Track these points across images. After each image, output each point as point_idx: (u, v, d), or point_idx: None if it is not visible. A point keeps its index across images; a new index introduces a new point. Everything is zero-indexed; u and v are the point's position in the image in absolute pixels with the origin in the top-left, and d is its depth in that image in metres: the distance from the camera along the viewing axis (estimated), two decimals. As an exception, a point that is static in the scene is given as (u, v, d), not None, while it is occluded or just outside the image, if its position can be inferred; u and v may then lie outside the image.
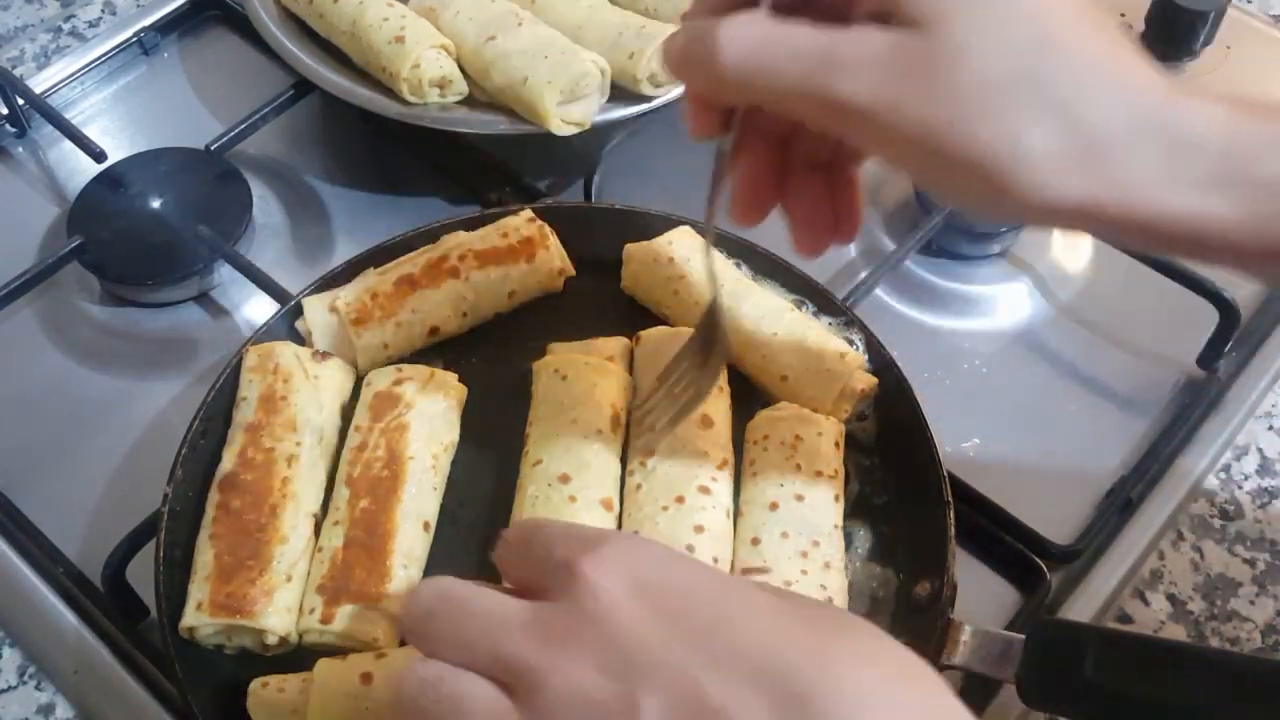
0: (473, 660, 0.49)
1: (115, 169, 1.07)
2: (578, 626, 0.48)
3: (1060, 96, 0.49)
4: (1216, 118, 0.51)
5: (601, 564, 0.49)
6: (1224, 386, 0.94)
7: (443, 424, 0.84)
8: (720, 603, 0.48)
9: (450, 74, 1.04)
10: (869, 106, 0.50)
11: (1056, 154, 0.49)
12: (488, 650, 0.49)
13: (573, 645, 0.47)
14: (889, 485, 0.84)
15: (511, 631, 0.49)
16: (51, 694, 0.79)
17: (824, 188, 0.63)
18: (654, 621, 0.47)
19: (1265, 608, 0.83)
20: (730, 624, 0.47)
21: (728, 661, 0.45)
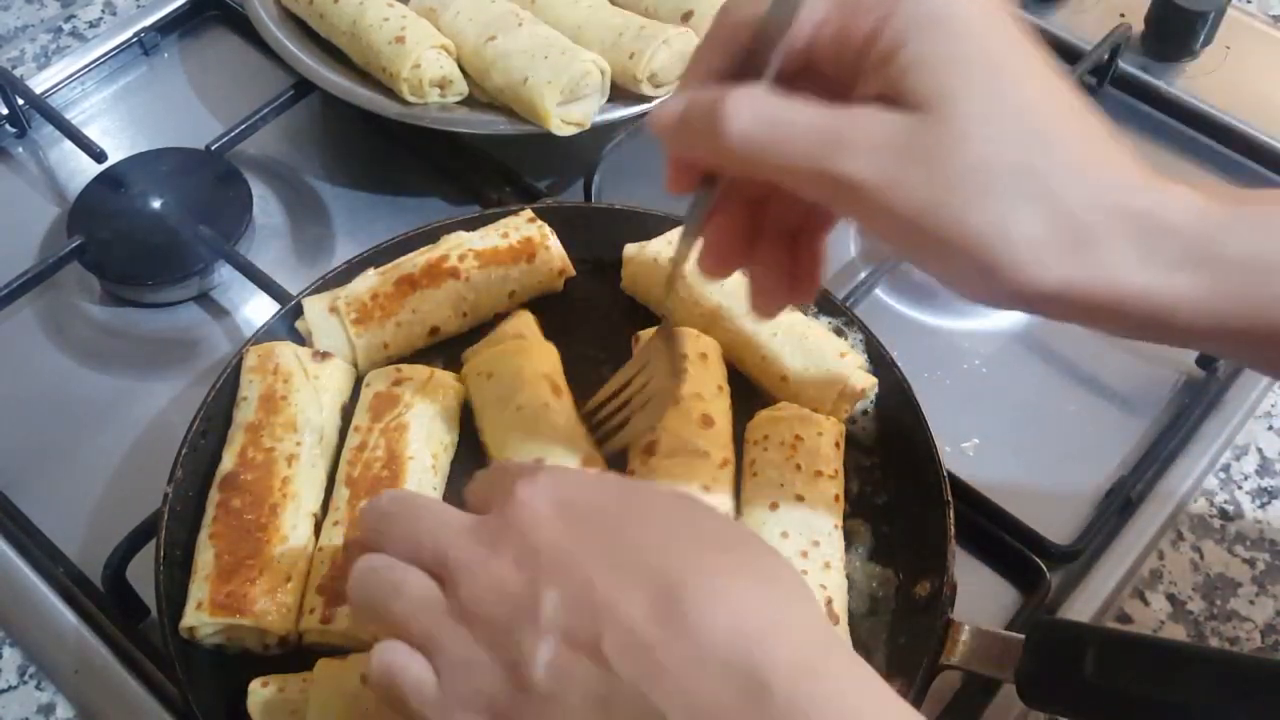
0: (416, 555, 0.57)
1: (115, 169, 1.07)
2: (504, 532, 0.55)
3: (1048, 187, 0.52)
4: (1191, 203, 0.53)
5: (532, 485, 0.57)
6: (1223, 386, 0.94)
7: (442, 424, 0.84)
8: (622, 513, 0.56)
9: (450, 74, 1.04)
10: (871, 187, 0.53)
11: (1041, 240, 0.52)
12: (430, 546, 0.57)
13: (498, 547, 0.55)
14: (889, 485, 0.84)
15: (455, 533, 0.57)
16: (52, 694, 0.79)
17: (789, 252, 0.66)
18: (565, 529, 0.55)
19: (1265, 607, 0.83)
20: (625, 531, 0.55)
21: (619, 563, 0.53)
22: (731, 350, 0.87)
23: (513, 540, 0.55)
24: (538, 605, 0.52)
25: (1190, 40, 1.16)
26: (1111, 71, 1.16)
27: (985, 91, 0.52)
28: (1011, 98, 0.53)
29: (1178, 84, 1.15)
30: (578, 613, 0.52)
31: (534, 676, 0.51)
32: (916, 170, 0.52)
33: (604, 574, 0.52)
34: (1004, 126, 0.52)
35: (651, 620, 0.50)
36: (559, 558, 0.54)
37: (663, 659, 0.50)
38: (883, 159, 0.53)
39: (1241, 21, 1.21)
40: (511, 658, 0.52)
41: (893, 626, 0.77)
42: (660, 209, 0.94)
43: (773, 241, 0.66)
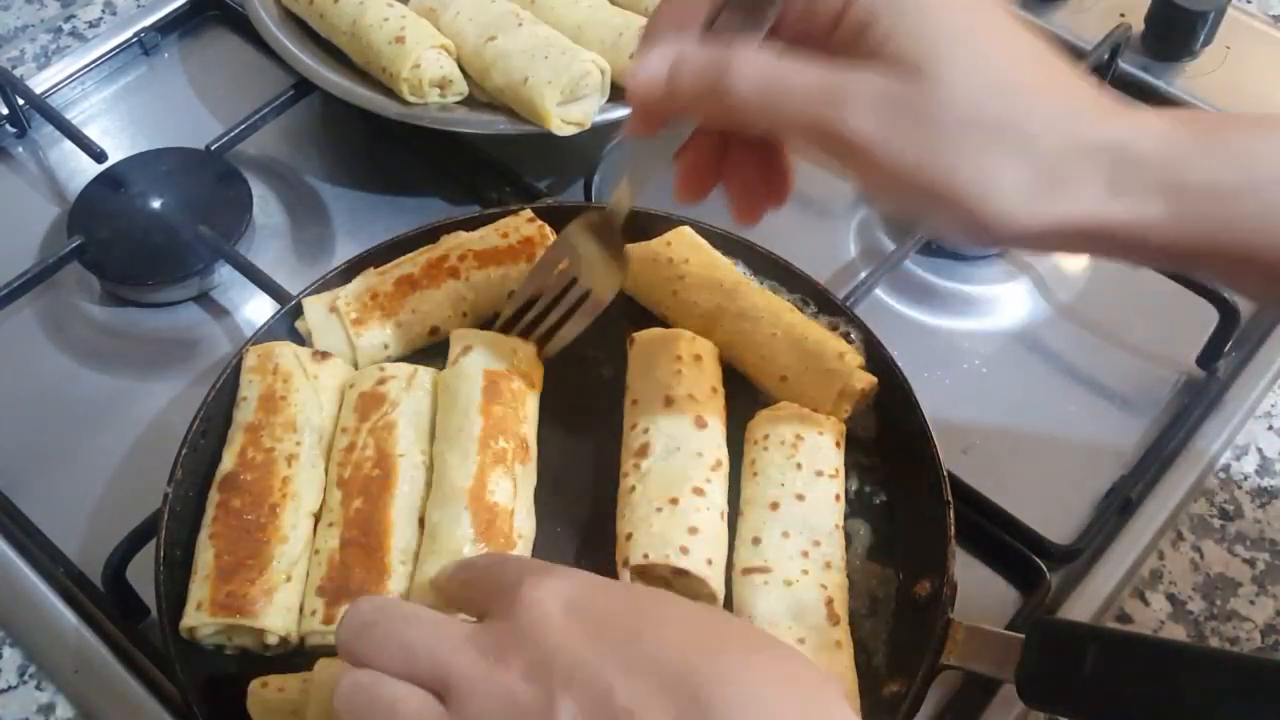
0: (410, 668, 0.54)
1: (115, 169, 1.07)
2: (511, 640, 0.52)
3: (1026, 136, 0.56)
4: (1159, 132, 0.57)
5: (537, 587, 0.54)
6: (1224, 386, 0.94)
7: (430, 420, 0.84)
8: (638, 618, 0.53)
9: (450, 74, 1.04)
10: (868, 143, 0.56)
11: (1023, 187, 0.56)
12: (427, 658, 0.53)
13: (506, 656, 0.52)
14: (889, 485, 0.84)
15: (453, 642, 0.54)
16: (52, 694, 0.79)
17: (757, 160, 0.68)
18: (578, 634, 0.52)
19: (1265, 607, 0.83)
20: (643, 636, 0.52)
21: (639, 669, 0.50)
22: (731, 350, 0.87)
23: (522, 648, 0.52)
24: (553, 717, 0.49)
25: (1190, 40, 1.16)
26: (1111, 71, 1.16)
27: (962, 53, 0.56)
28: (987, 56, 0.57)
29: (1178, 84, 1.15)
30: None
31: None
32: (910, 130, 0.56)
33: (624, 681, 0.49)
34: (984, 83, 0.56)
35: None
36: (574, 665, 0.50)
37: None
38: (879, 118, 0.56)
39: (1241, 21, 1.21)
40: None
41: (893, 626, 0.77)
42: (660, 209, 0.94)
43: (740, 154, 0.68)
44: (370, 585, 0.75)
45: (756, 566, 0.76)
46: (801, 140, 0.59)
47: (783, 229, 0.97)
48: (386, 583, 0.75)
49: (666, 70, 0.60)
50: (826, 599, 0.74)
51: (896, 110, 0.56)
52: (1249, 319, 0.97)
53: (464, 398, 0.82)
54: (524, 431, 0.82)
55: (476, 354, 0.84)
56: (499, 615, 0.54)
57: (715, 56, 0.58)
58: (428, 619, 0.56)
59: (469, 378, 0.82)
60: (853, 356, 0.85)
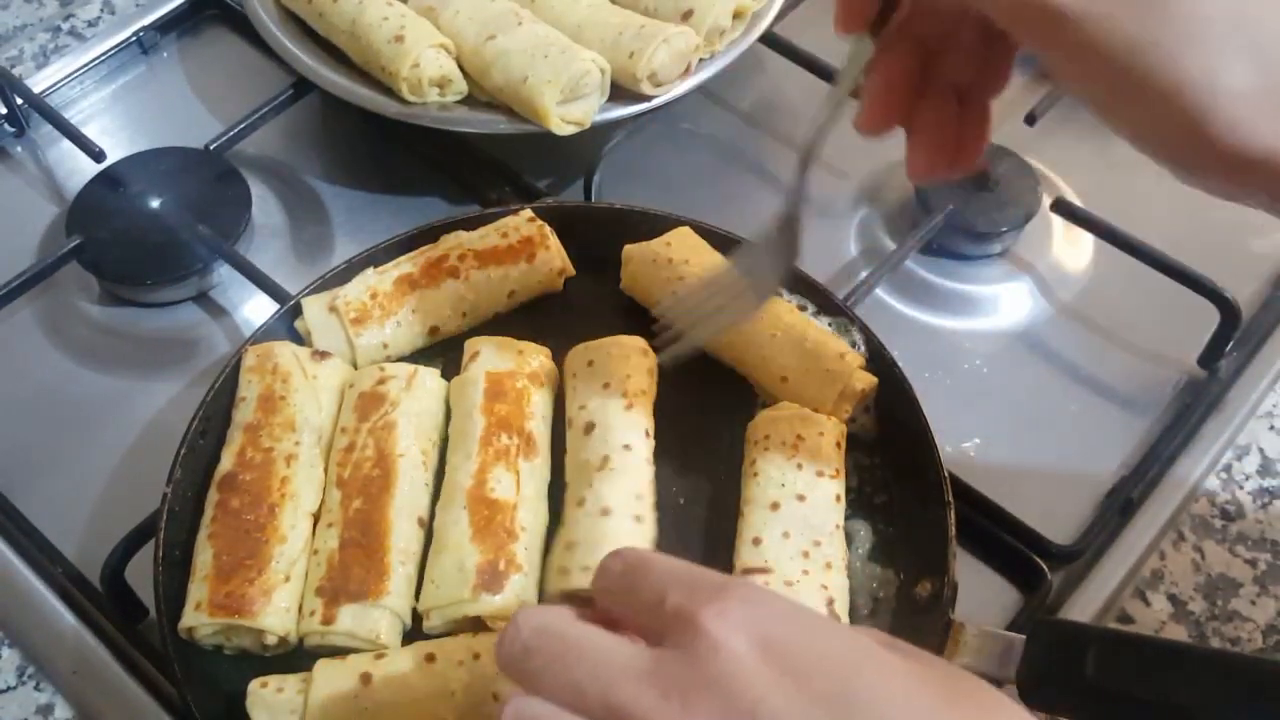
0: (581, 704, 0.47)
1: (114, 169, 1.06)
2: (699, 681, 0.45)
3: (1265, 39, 0.49)
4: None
5: (725, 617, 0.46)
6: (1225, 386, 0.94)
7: (430, 420, 0.84)
8: (849, 669, 0.46)
9: (450, 73, 1.03)
10: (1081, 16, 0.50)
11: (1252, 94, 0.49)
12: (598, 696, 0.47)
13: (692, 700, 0.45)
14: (890, 485, 0.84)
15: (626, 679, 0.46)
16: (50, 694, 0.79)
17: (953, 112, 0.62)
18: (779, 684, 0.44)
19: (1266, 608, 0.83)
20: (863, 692, 0.45)
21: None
22: (731, 350, 0.87)
23: (710, 693, 0.44)
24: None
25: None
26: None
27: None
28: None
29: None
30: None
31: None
32: (1132, 4, 0.49)
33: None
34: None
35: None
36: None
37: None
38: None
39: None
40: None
41: (894, 626, 0.77)
42: (660, 209, 0.94)
43: (937, 100, 0.62)
44: (370, 586, 0.75)
45: (757, 567, 0.76)
46: (1003, 16, 0.52)
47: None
48: (385, 583, 0.75)
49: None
50: (827, 599, 0.74)
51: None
52: (1250, 319, 0.97)
53: (468, 402, 0.82)
54: (530, 428, 0.82)
55: (482, 359, 0.85)
56: (675, 644, 0.47)
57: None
58: (591, 649, 0.49)
59: (473, 383, 0.83)
60: (853, 357, 0.85)
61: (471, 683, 0.70)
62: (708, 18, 1.04)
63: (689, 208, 0.95)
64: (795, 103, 1.16)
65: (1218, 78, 0.49)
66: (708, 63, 1.05)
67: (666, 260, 0.90)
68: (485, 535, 0.76)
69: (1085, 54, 0.51)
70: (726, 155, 1.13)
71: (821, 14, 1.22)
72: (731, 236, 0.92)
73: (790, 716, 0.43)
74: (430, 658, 0.71)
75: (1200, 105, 0.49)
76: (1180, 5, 0.49)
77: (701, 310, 0.75)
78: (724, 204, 1.05)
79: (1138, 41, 0.49)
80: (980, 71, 0.62)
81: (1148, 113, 0.51)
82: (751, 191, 1.10)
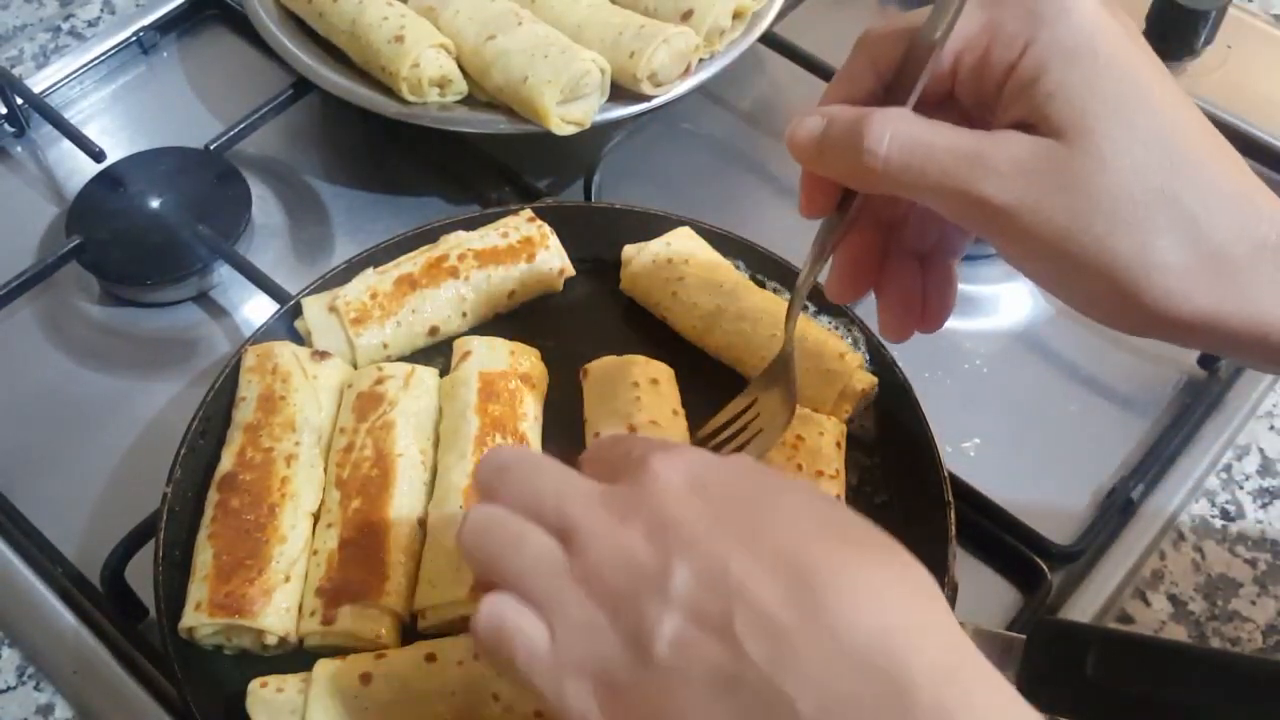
0: (538, 512, 0.56)
1: (114, 169, 1.06)
2: (635, 502, 0.54)
3: (1189, 213, 0.53)
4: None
5: (668, 459, 0.55)
6: (1225, 386, 0.94)
7: (429, 420, 0.84)
8: (758, 499, 0.55)
9: (450, 73, 1.03)
10: (1012, 208, 0.54)
11: (1184, 267, 0.53)
12: (554, 506, 0.56)
13: (629, 517, 0.54)
14: (889, 485, 0.84)
15: (578, 496, 0.56)
16: (50, 694, 0.79)
17: (918, 276, 0.67)
18: (700, 508, 0.53)
19: (1266, 608, 0.83)
20: (762, 517, 0.53)
21: (753, 547, 0.51)
22: (731, 352, 0.87)
23: (644, 511, 0.54)
24: (668, 578, 0.51)
25: (1192, 39, 1.16)
26: (1112, 71, 1.16)
27: (1128, 120, 0.54)
28: (1153, 127, 0.54)
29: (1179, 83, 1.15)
30: (710, 591, 0.50)
31: (657, 649, 0.50)
32: (1058, 195, 0.54)
33: (739, 555, 0.51)
34: (1147, 155, 0.53)
35: (788, 606, 0.49)
36: (693, 534, 0.52)
37: (798, 646, 0.48)
38: (1024, 182, 0.54)
39: (1243, 21, 1.20)
40: (634, 628, 0.51)
41: (893, 627, 0.77)
42: (660, 209, 0.94)
43: (901, 264, 0.67)
44: (370, 586, 0.75)
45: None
46: (941, 206, 0.57)
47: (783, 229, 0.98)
48: (385, 583, 0.75)
49: (820, 130, 0.60)
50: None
51: (1043, 174, 0.54)
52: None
53: (460, 401, 0.82)
54: (523, 429, 0.82)
55: (474, 358, 0.85)
56: (626, 481, 0.56)
57: (859, 115, 0.58)
58: (559, 471, 0.58)
59: (465, 382, 0.83)
60: (853, 357, 0.85)
61: (471, 683, 0.70)
62: (708, 18, 1.04)
63: (689, 208, 0.95)
64: (795, 103, 1.16)
65: (1148, 254, 0.53)
66: (708, 63, 1.05)
67: (666, 260, 0.90)
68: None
69: (1025, 240, 0.55)
70: (726, 155, 1.13)
71: (822, 14, 1.23)
72: (731, 236, 0.92)
73: (703, 531, 0.52)
74: (430, 658, 0.71)
75: (1134, 280, 0.54)
76: (1106, 191, 0.53)
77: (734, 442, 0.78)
78: (724, 204, 1.05)
79: (1069, 229, 0.54)
80: (939, 238, 0.66)
81: (1087, 288, 0.56)
82: (751, 191, 1.10)
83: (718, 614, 0.50)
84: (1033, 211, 0.54)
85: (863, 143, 0.57)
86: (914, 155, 0.56)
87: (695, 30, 1.03)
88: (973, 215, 0.56)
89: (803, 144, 0.61)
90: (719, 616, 0.50)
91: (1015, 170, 0.54)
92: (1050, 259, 0.55)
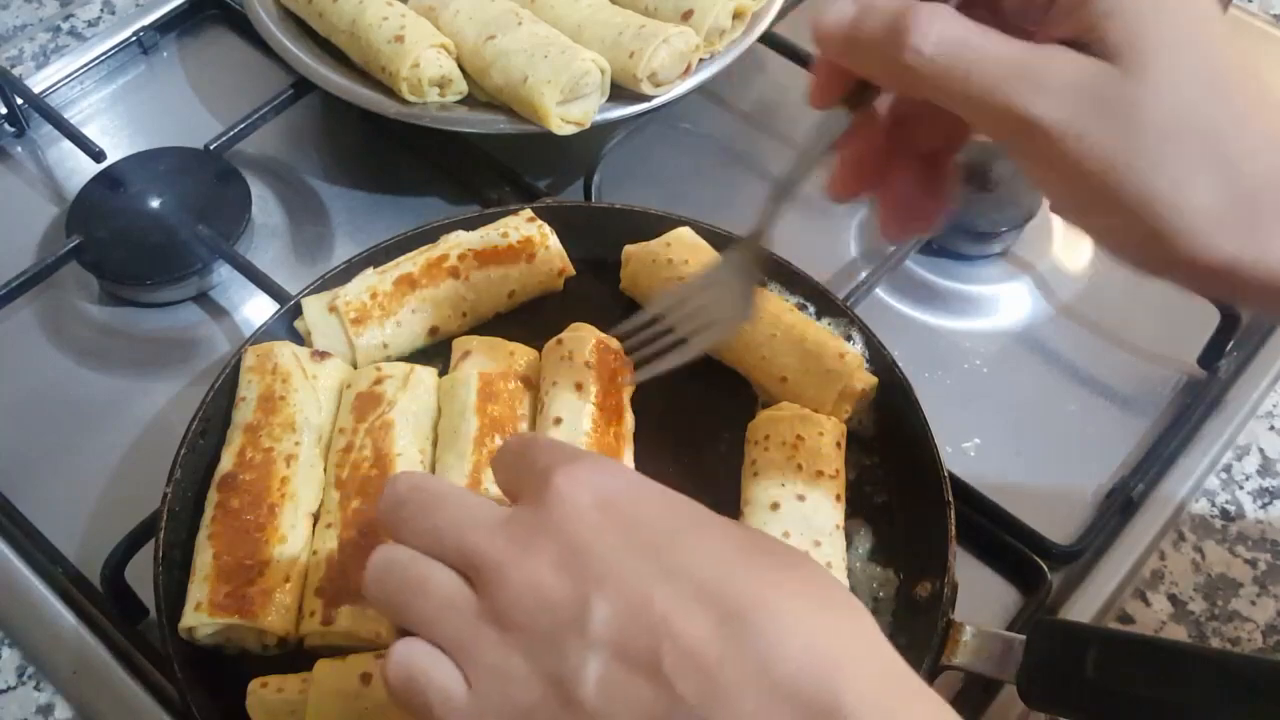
0: (439, 549, 0.53)
1: (114, 168, 1.06)
2: (541, 529, 0.51)
3: (1228, 155, 0.51)
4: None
5: (572, 476, 0.52)
6: (1225, 386, 0.94)
7: (428, 419, 0.84)
8: (673, 523, 0.52)
9: (450, 73, 1.03)
10: (1059, 130, 0.51)
11: (1216, 210, 0.51)
12: (454, 541, 0.52)
13: (535, 545, 0.51)
14: (890, 485, 0.83)
15: (478, 527, 0.52)
16: (50, 694, 0.79)
17: (920, 175, 0.64)
18: (611, 534, 0.50)
19: (1266, 608, 0.83)
20: (679, 543, 0.50)
21: (674, 576, 0.49)
22: (731, 351, 0.87)
23: (551, 538, 0.50)
24: (585, 615, 0.48)
25: (1191, 40, 1.16)
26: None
27: (1185, 51, 0.51)
28: (1207, 63, 0.52)
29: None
30: (633, 627, 0.48)
31: (582, 693, 0.47)
32: (1108, 121, 0.51)
33: (660, 586, 0.48)
34: (1198, 91, 0.51)
35: (716, 640, 0.47)
36: (608, 564, 0.49)
37: (731, 682, 0.46)
38: (1074, 103, 0.51)
39: (1242, 21, 1.21)
40: (556, 671, 0.48)
41: (893, 627, 0.77)
42: (660, 209, 0.94)
43: (904, 165, 0.63)
44: (369, 586, 0.75)
45: (757, 567, 0.75)
46: (982, 119, 0.54)
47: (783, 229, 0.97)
48: (386, 583, 0.75)
49: (850, 17, 0.55)
50: (827, 599, 0.74)
51: (1095, 97, 0.51)
52: (1250, 319, 0.97)
53: (459, 401, 0.82)
54: (522, 429, 0.82)
55: (473, 358, 0.85)
56: (530, 501, 0.52)
57: (901, 10, 0.53)
58: (456, 500, 0.55)
59: (464, 382, 0.83)
60: (853, 357, 0.85)
61: (471, 683, 0.70)
62: (708, 18, 1.04)
63: (689, 208, 0.95)
64: (795, 103, 1.16)
65: (1185, 194, 0.51)
66: (708, 63, 1.05)
67: (666, 260, 0.90)
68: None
69: (1060, 165, 0.52)
70: (726, 155, 1.13)
71: (821, 14, 1.23)
72: (731, 236, 0.92)
73: (611, 559, 0.49)
74: (430, 658, 0.71)
75: (1167, 218, 0.52)
76: (1154, 124, 0.51)
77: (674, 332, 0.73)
78: (724, 204, 1.05)
79: (1112, 159, 0.51)
80: (946, 138, 0.63)
81: (1115, 222, 0.54)
82: (751, 191, 1.10)
83: (645, 651, 0.47)
84: (1078, 137, 0.51)
85: (907, 39, 0.52)
86: (959, 60, 0.52)
87: (695, 30, 1.03)
88: (1012, 132, 0.53)
89: (831, 32, 0.56)
90: (646, 654, 0.47)
91: (1067, 89, 0.51)
92: (1084, 187, 0.53)
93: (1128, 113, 0.51)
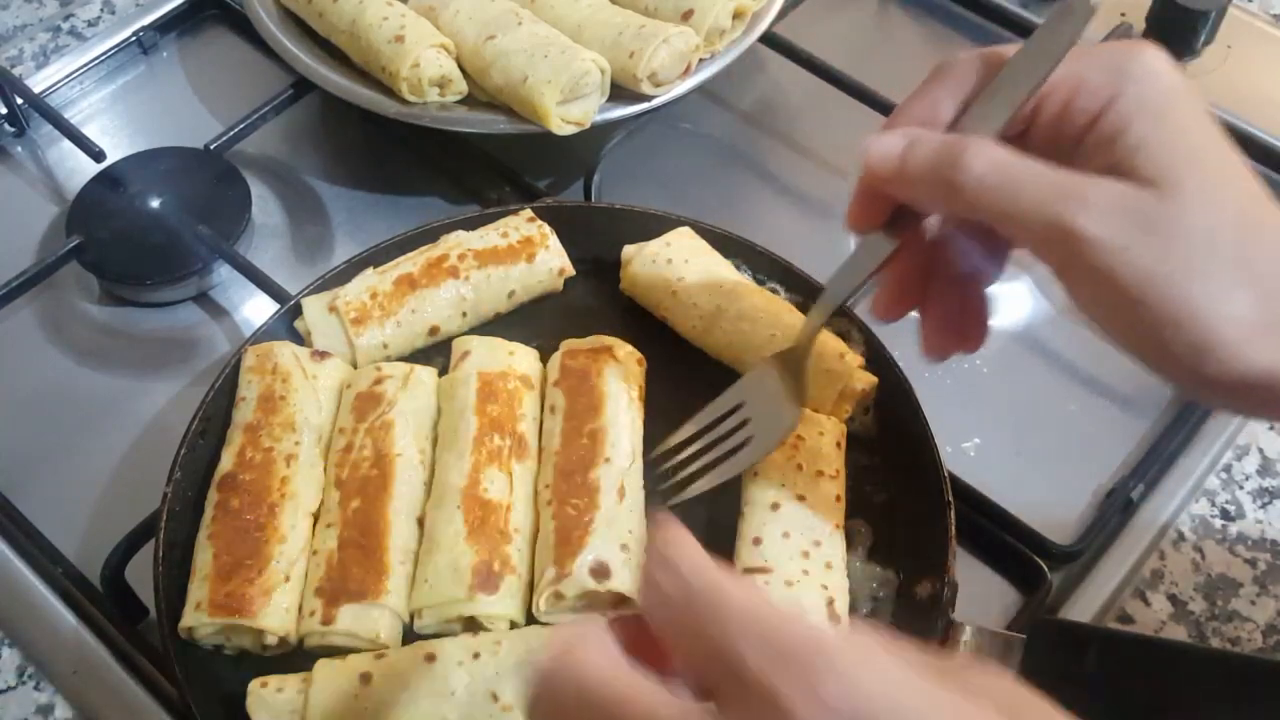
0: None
1: (114, 168, 1.06)
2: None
3: (1261, 273, 0.55)
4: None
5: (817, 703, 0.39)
6: (1225, 386, 0.94)
7: (427, 419, 0.84)
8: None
9: (450, 73, 1.03)
10: (1103, 243, 0.55)
11: (1252, 319, 0.54)
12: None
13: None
14: (889, 485, 0.83)
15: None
16: (50, 694, 0.79)
17: (959, 298, 0.67)
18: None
19: (1266, 608, 0.83)
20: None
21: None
22: (731, 352, 0.87)
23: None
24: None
25: (1192, 39, 1.16)
26: (1112, 71, 1.16)
27: (1211, 179, 0.56)
28: (1231, 189, 0.56)
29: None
30: None
31: None
32: (1149, 237, 0.54)
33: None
34: (1226, 214, 0.55)
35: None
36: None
37: None
38: (1119, 220, 0.55)
39: (1243, 21, 1.21)
40: None
41: (894, 627, 0.77)
42: (660, 209, 0.94)
43: (943, 286, 0.67)
44: (369, 585, 0.75)
45: (757, 567, 0.75)
46: (1030, 234, 0.57)
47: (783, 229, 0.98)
48: (385, 583, 0.75)
49: (901, 148, 0.60)
50: (827, 599, 0.74)
51: (1137, 214, 0.55)
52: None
53: (459, 401, 0.82)
54: (522, 429, 0.82)
55: (473, 358, 0.85)
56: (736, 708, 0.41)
57: (952, 140, 0.59)
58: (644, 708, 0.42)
59: (464, 382, 0.83)
60: (853, 357, 0.85)
61: (471, 683, 0.70)
62: (708, 18, 1.04)
63: (689, 208, 0.95)
64: (795, 103, 1.16)
65: (1222, 305, 0.54)
66: (708, 63, 1.05)
67: (666, 260, 0.90)
68: (479, 536, 0.76)
69: (1105, 278, 0.55)
70: (726, 155, 1.13)
71: (821, 14, 1.23)
72: (731, 236, 0.92)
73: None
74: (430, 658, 0.71)
75: (1206, 332, 0.54)
76: (1191, 241, 0.54)
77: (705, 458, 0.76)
78: (724, 204, 1.05)
79: (1153, 271, 0.54)
80: (975, 266, 0.67)
81: (1154, 337, 0.56)
82: (751, 191, 1.10)
83: None
84: (1122, 249, 0.54)
85: (960, 160, 0.57)
86: (1009, 179, 0.57)
87: (695, 30, 1.03)
88: (1058, 247, 0.56)
89: (882, 160, 0.61)
90: None
91: (1111, 207, 0.55)
92: (1127, 300, 0.55)
93: (1168, 229, 0.54)
